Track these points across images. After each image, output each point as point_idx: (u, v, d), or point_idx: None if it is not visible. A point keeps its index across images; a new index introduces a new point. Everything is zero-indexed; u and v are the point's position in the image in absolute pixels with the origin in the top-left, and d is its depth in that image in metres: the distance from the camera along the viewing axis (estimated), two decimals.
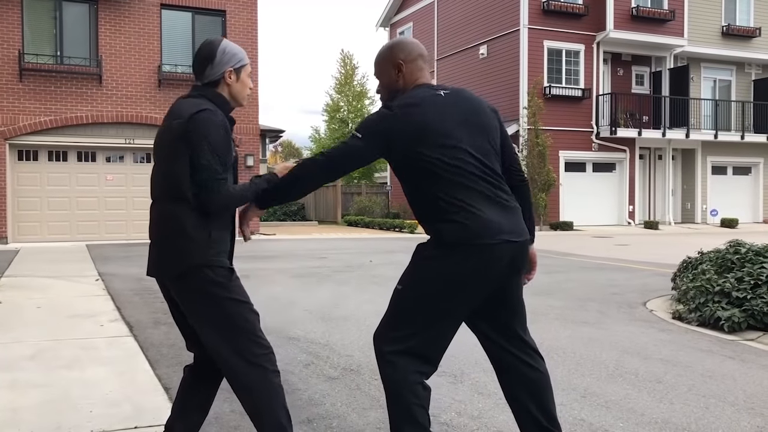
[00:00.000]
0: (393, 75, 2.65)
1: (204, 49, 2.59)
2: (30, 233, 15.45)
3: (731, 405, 3.78)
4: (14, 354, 4.78)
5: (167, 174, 2.46)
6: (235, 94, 2.61)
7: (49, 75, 15.37)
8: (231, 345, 2.45)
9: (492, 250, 2.45)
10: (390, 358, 2.54)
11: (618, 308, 6.94)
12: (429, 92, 2.57)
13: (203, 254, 2.42)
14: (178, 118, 2.46)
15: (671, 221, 23.75)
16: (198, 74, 2.60)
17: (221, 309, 2.44)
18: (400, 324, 2.57)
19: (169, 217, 2.45)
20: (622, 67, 23.47)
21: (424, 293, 2.52)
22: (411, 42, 2.71)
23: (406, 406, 2.50)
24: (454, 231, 2.46)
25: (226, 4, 17.04)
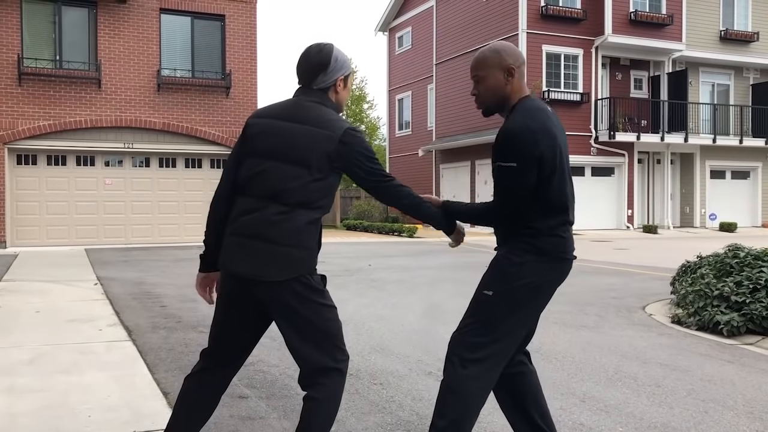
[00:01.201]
0: (501, 79, 2.65)
1: (318, 56, 2.58)
2: (29, 237, 15.43)
3: (730, 409, 3.77)
4: (12, 359, 4.77)
5: (301, 178, 2.44)
6: (340, 101, 2.66)
7: (48, 79, 15.38)
8: (318, 349, 2.49)
9: (568, 264, 2.63)
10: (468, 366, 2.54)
11: (617, 312, 6.94)
12: (545, 105, 2.65)
13: (312, 262, 2.50)
14: (321, 127, 2.47)
15: (670, 225, 23.76)
16: (308, 79, 2.59)
17: (318, 314, 2.49)
18: (485, 330, 2.56)
19: (296, 224, 2.43)
20: (621, 71, 23.51)
21: (516, 300, 2.55)
22: (516, 48, 2.72)
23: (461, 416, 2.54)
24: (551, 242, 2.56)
25: (226, 9, 17.06)
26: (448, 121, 24.58)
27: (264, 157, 2.49)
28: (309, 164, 2.44)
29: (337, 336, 2.55)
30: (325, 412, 2.49)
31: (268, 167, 2.47)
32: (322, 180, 2.46)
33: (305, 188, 2.44)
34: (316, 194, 2.46)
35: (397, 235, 20.50)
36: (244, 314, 2.57)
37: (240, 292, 2.52)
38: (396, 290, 8.48)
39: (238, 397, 3.90)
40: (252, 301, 2.53)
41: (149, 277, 9.69)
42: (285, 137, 2.48)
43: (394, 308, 7.12)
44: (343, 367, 2.55)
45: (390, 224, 21.97)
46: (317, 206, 2.47)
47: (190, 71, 16.72)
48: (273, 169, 2.47)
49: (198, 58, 16.82)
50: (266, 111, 2.60)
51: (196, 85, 16.61)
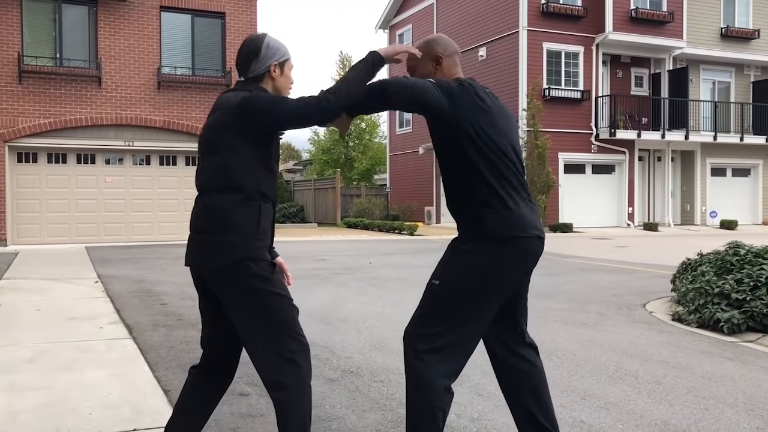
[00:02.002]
0: (431, 68, 2.71)
1: (249, 45, 2.63)
2: (29, 235, 15.44)
3: (731, 406, 3.78)
4: (13, 356, 4.77)
5: (219, 165, 2.47)
6: (279, 87, 2.65)
7: (48, 77, 15.38)
8: (269, 339, 2.43)
9: (526, 244, 2.51)
10: (423, 357, 2.51)
11: (617, 310, 6.94)
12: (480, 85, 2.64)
13: (250, 247, 2.43)
14: (222, 109, 2.51)
15: (671, 223, 23.76)
16: (242, 70, 2.63)
17: (262, 302, 2.43)
18: (436, 320, 2.54)
19: (217, 209, 2.46)
20: (621, 68, 23.49)
21: (462, 288, 2.51)
22: (447, 38, 2.77)
23: (429, 408, 2.50)
24: (494, 223, 2.49)
25: (226, 6, 17.05)
26: None
27: (200, 157, 2.62)
28: (217, 148, 2.49)
29: (289, 325, 2.46)
30: (296, 411, 2.44)
31: (201, 165, 2.59)
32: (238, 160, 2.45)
33: (217, 172, 2.48)
34: (235, 176, 2.45)
35: (398, 233, 20.50)
36: (214, 306, 2.59)
37: (202, 285, 2.58)
38: (396, 288, 8.48)
39: (238, 395, 3.90)
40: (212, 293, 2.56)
41: (150, 275, 9.69)
42: (206, 135, 2.57)
43: (395, 306, 7.12)
44: (300, 358, 2.46)
45: (390, 222, 21.97)
46: (239, 187, 2.45)
47: (190, 69, 16.71)
48: (202, 165, 2.58)
49: (198, 55, 16.81)
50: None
51: (197, 83, 16.60)
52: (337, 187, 25.30)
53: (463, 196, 2.58)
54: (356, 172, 36.08)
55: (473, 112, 2.51)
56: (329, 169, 35.09)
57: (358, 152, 36.54)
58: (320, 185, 27.06)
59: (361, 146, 36.80)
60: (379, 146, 36.55)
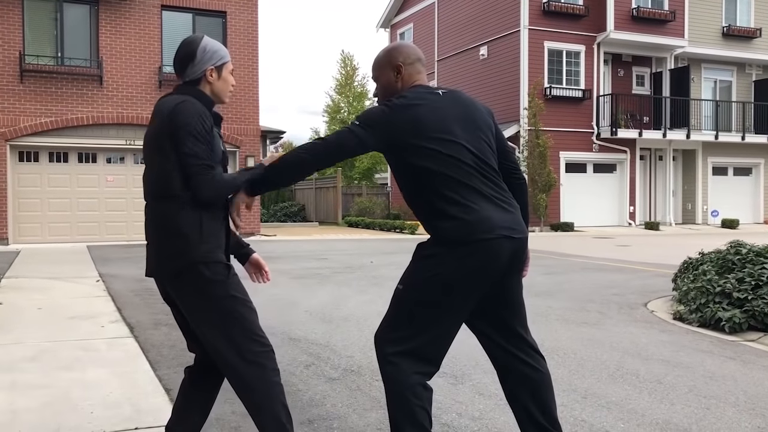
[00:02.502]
0: (392, 77, 2.70)
1: (184, 48, 2.59)
2: (31, 234, 15.46)
3: (732, 406, 3.77)
4: (15, 355, 4.78)
5: (156, 172, 2.45)
6: (217, 91, 2.61)
7: (49, 76, 15.38)
8: (229, 343, 2.42)
9: (491, 245, 2.44)
10: (391, 359, 2.53)
11: (619, 309, 6.93)
12: (425, 91, 2.61)
13: (196, 251, 2.39)
14: (159, 115, 2.47)
15: (672, 222, 23.74)
16: (179, 73, 2.61)
17: (218, 306, 2.41)
18: (401, 324, 2.56)
19: (160, 215, 2.44)
20: (623, 67, 23.47)
21: (425, 292, 2.51)
22: (409, 45, 2.76)
23: (407, 407, 2.50)
24: (452, 228, 2.46)
25: (227, 5, 17.05)
26: None
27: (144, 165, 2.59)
28: (152, 157, 2.46)
29: (246, 327, 2.44)
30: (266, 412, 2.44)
31: (144, 172, 2.56)
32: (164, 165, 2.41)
33: (158, 180, 2.44)
34: (172, 182, 2.41)
35: (399, 232, 20.49)
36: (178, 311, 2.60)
37: (164, 292, 2.58)
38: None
39: None
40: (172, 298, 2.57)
41: None
42: (145, 141, 2.54)
43: None
44: (263, 359, 2.44)
45: (392, 221, 21.96)
46: (172, 194, 2.41)
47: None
48: (144, 172, 2.56)
49: None
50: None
51: None
52: (338, 186, 25.30)
53: (420, 207, 2.59)
54: (357, 171, 36.10)
55: (409, 130, 2.49)
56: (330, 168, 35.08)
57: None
58: (321, 184, 27.06)
59: None
60: None
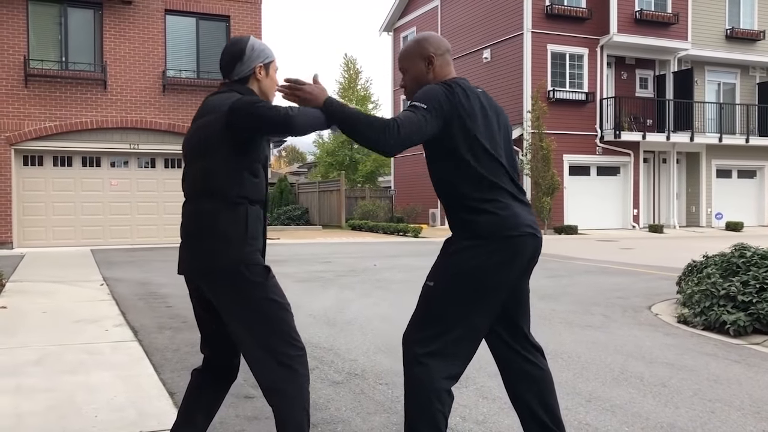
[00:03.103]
0: (423, 68, 2.67)
1: (232, 47, 2.61)
2: (35, 238, 15.49)
3: (737, 409, 3.76)
4: (19, 359, 4.79)
5: (204, 170, 2.45)
6: (265, 89, 2.64)
7: (54, 81, 15.44)
8: (264, 345, 2.42)
9: (519, 242, 2.49)
10: (422, 360, 2.49)
11: (623, 312, 6.92)
12: (472, 86, 2.62)
13: (239, 252, 2.41)
14: (212, 113, 2.47)
15: (676, 225, 23.70)
16: (227, 72, 2.61)
17: (257, 308, 2.42)
18: (431, 322, 2.53)
19: (204, 214, 2.45)
20: (626, 70, 23.46)
21: (456, 288, 2.50)
22: (438, 36, 2.75)
23: (429, 411, 2.47)
24: (485, 223, 2.48)
25: (230, 10, 17.09)
26: None
27: (186, 162, 2.59)
28: (204, 154, 2.46)
29: (283, 330, 2.45)
30: (293, 417, 2.44)
31: (186, 170, 2.57)
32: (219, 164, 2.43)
33: (210, 178, 2.45)
34: (223, 181, 2.43)
35: (402, 235, 20.49)
36: (209, 311, 2.59)
37: (198, 292, 2.57)
38: (401, 290, 8.47)
39: (244, 397, 3.90)
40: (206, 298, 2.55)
41: (155, 277, 9.71)
42: (189, 138, 2.56)
43: (400, 308, 7.11)
44: (296, 363, 2.45)
45: (395, 224, 21.97)
46: (227, 193, 2.43)
47: (195, 72, 16.75)
48: (186, 171, 2.56)
49: (203, 58, 16.85)
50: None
51: (202, 85, 16.63)
52: (341, 189, 25.31)
53: (453, 199, 2.59)
54: (360, 174, 36.12)
55: (461, 117, 2.50)
56: (334, 171, 35.12)
57: (363, 154, 36.55)
58: (325, 187, 27.08)
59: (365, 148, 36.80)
60: None
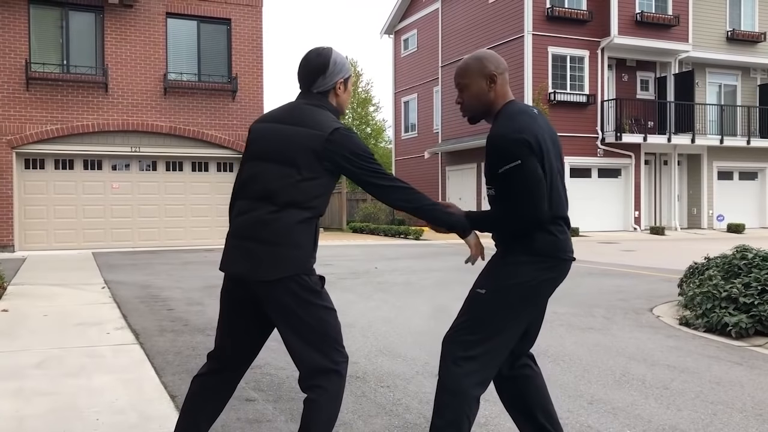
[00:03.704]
0: (484, 86, 2.67)
1: (317, 60, 2.61)
2: (37, 241, 15.50)
3: (739, 411, 3.75)
4: (21, 362, 4.79)
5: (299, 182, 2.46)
6: (341, 104, 2.67)
7: (55, 84, 15.46)
8: (317, 351, 2.48)
9: (566, 265, 2.64)
10: (461, 363, 2.56)
11: (624, 314, 6.91)
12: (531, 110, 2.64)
13: (307, 262, 2.48)
14: (306, 126, 2.50)
15: (677, 227, 23.68)
16: (307, 83, 2.62)
17: (314, 315, 2.47)
18: (477, 328, 2.58)
19: (283, 222, 2.45)
20: (627, 72, 23.45)
21: (507, 298, 2.57)
22: (496, 55, 2.76)
23: (459, 415, 2.53)
24: (550, 243, 2.57)
25: (231, 13, 17.11)
26: (454, 124, 24.57)
27: (258, 160, 2.56)
28: (298, 164, 2.46)
29: (335, 338, 2.52)
30: (326, 414, 2.48)
31: (260, 169, 2.53)
32: (312, 180, 2.47)
33: (295, 188, 2.46)
34: (307, 194, 2.47)
35: (404, 237, 20.49)
36: (246, 316, 2.59)
37: (240, 294, 2.56)
38: (402, 293, 8.47)
39: (245, 400, 3.90)
40: (252, 302, 2.55)
41: (156, 280, 9.72)
42: (278, 139, 2.53)
43: (401, 311, 7.11)
44: (342, 368, 2.53)
45: (396, 227, 21.96)
46: (308, 206, 2.48)
47: (196, 75, 16.77)
48: (264, 170, 2.52)
49: (204, 62, 16.88)
50: (266, 116, 2.66)
51: (203, 88, 16.66)
52: (342, 191, 25.32)
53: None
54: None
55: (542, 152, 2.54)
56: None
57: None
58: None
59: None
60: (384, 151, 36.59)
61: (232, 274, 2.53)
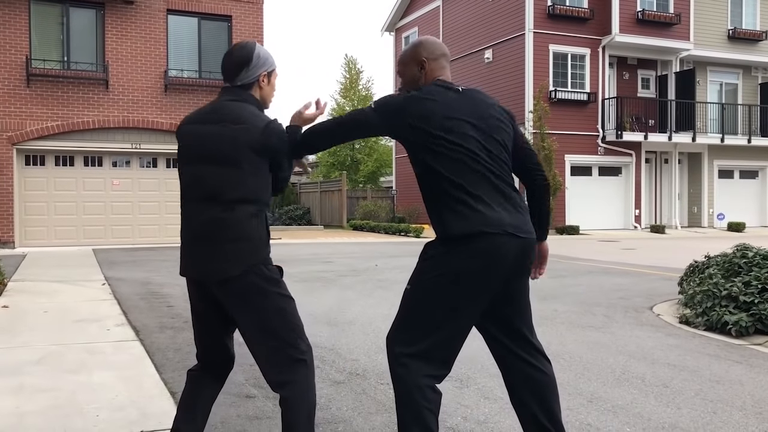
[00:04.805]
0: (416, 72, 2.71)
1: (240, 52, 2.63)
2: (37, 238, 15.51)
3: (739, 410, 3.76)
4: (21, 358, 4.79)
5: (238, 178, 2.48)
6: (265, 96, 2.69)
7: (56, 80, 15.45)
8: (280, 341, 2.48)
9: (494, 242, 2.44)
10: (402, 360, 2.53)
11: (624, 312, 6.91)
12: (442, 87, 2.62)
13: (262, 253, 2.50)
14: (239, 123, 2.51)
15: (678, 225, 23.68)
16: (230, 76, 2.64)
17: (275, 304, 2.48)
18: (410, 325, 2.56)
19: (234, 219, 2.48)
20: (628, 70, 23.44)
21: (432, 292, 2.52)
22: (434, 41, 2.77)
23: (415, 409, 2.49)
24: (456, 223, 2.47)
25: (232, 10, 17.10)
26: None
27: (197, 163, 2.57)
28: (239, 161, 2.49)
29: (298, 326, 2.53)
30: (305, 409, 2.49)
31: (203, 172, 2.55)
32: (255, 174, 2.51)
33: (240, 184, 2.49)
34: (252, 189, 2.50)
35: (404, 235, 20.49)
36: (211, 317, 2.62)
37: (202, 294, 2.58)
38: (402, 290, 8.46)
39: (245, 397, 3.90)
40: (215, 302, 2.57)
41: (156, 277, 9.72)
42: (213, 140, 2.54)
43: None
44: (308, 358, 2.53)
45: (396, 224, 21.97)
46: (256, 199, 2.51)
47: (197, 72, 16.76)
48: (207, 172, 2.54)
49: (205, 58, 16.86)
50: (192, 117, 2.68)
51: (204, 85, 16.65)
52: (343, 189, 25.32)
53: (429, 201, 2.61)
54: (362, 175, 36.11)
55: (418, 123, 2.52)
56: (335, 171, 35.12)
57: (364, 154, 36.57)
58: (326, 188, 27.08)
59: (366, 148, 36.84)
60: (384, 148, 36.58)
61: (191, 277, 2.57)
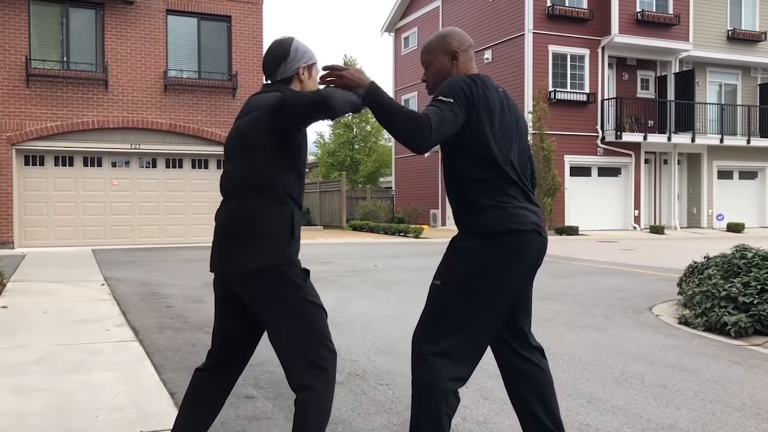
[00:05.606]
0: (446, 63, 2.67)
1: (277, 48, 2.64)
2: (36, 238, 15.50)
3: (738, 410, 3.76)
4: (20, 358, 4.79)
5: (251, 166, 2.46)
6: (307, 90, 2.64)
7: (55, 80, 15.45)
8: (301, 346, 2.43)
9: (523, 238, 2.47)
10: (429, 360, 2.49)
11: (624, 313, 6.92)
12: (494, 84, 2.61)
13: (284, 253, 2.43)
14: (257, 110, 2.50)
15: (677, 226, 23.68)
16: (270, 72, 2.64)
17: (296, 310, 2.43)
18: (438, 321, 2.52)
19: (251, 212, 2.44)
20: (627, 71, 23.45)
21: (464, 285, 2.48)
22: (462, 32, 2.75)
23: (435, 412, 2.47)
24: (491, 219, 2.47)
25: (232, 10, 17.09)
26: None
27: (226, 159, 2.61)
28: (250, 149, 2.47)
29: (321, 333, 2.47)
30: (318, 416, 2.45)
31: (228, 167, 2.58)
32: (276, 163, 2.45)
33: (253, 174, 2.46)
34: (272, 180, 2.45)
35: (403, 235, 20.49)
36: (233, 315, 2.59)
37: (227, 291, 2.55)
38: (402, 291, 8.47)
39: (244, 398, 3.90)
40: (238, 300, 2.54)
41: (156, 277, 9.72)
42: (234, 135, 2.58)
43: (401, 309, 7.12)
44: (330, 366, 2.48)
45: (396, 225, 21.97)
46: (275, 192, 2.44)
47: (196, 72, 16.76)
48: (229, 167, 2.57)
49: (204, 59, 16.87)
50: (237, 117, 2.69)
51: (203, 86, 16.65)
52: (342, 189, 25.31)
53: (463, 195, 2.57)
54: (362, 175, 36.12)
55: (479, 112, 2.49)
56: (335, 171, 35.13)
57: (364, 155, 36.56)
58: (326, 188, 27.08)
59: (366, 149, 36.85)
60: (384, 149, 36.59)
61: (215, 272, 2.56)
